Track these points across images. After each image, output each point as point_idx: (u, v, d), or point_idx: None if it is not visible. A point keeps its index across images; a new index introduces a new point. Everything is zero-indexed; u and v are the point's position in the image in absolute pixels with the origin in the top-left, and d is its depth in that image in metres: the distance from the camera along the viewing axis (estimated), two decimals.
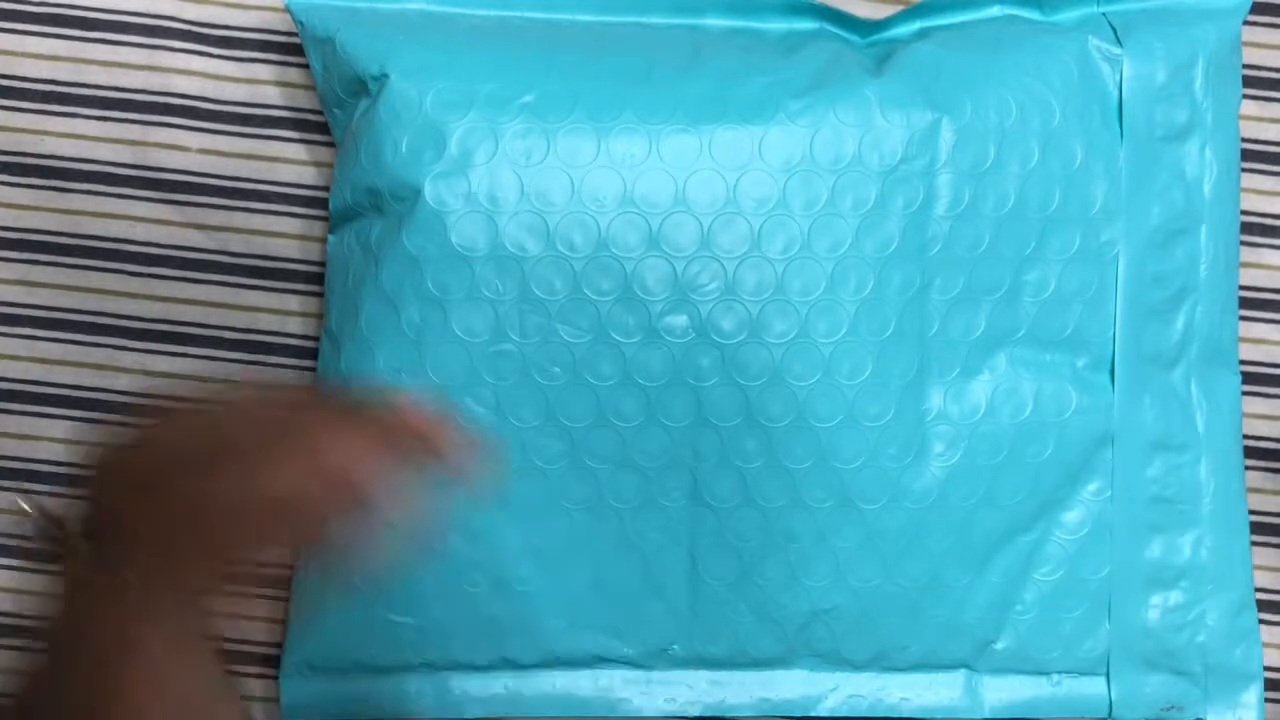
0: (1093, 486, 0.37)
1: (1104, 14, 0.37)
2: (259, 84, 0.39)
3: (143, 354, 0.39)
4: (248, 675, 0.38)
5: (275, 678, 0.38)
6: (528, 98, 0.34)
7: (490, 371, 0.34)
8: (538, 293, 0.34)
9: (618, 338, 0.34)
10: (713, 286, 0.34)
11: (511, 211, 0.34)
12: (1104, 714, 0.37)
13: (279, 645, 0.38)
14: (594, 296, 0.34)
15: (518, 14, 0.37)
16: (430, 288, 0.34)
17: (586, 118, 0.34)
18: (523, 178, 0.34)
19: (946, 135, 0.35)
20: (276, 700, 0.37)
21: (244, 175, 0.39)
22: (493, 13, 0.37)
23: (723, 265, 0.34)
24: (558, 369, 0.34)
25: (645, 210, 0.34)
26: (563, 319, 0.34)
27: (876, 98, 0.35)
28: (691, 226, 0.34)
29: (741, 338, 0.35)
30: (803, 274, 0.34)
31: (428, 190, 0.34)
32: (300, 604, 0.37)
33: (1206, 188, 0.37)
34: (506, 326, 0.34)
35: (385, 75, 0.34)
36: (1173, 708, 0.37)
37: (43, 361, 0.39)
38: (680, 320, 0.34)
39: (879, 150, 0.34)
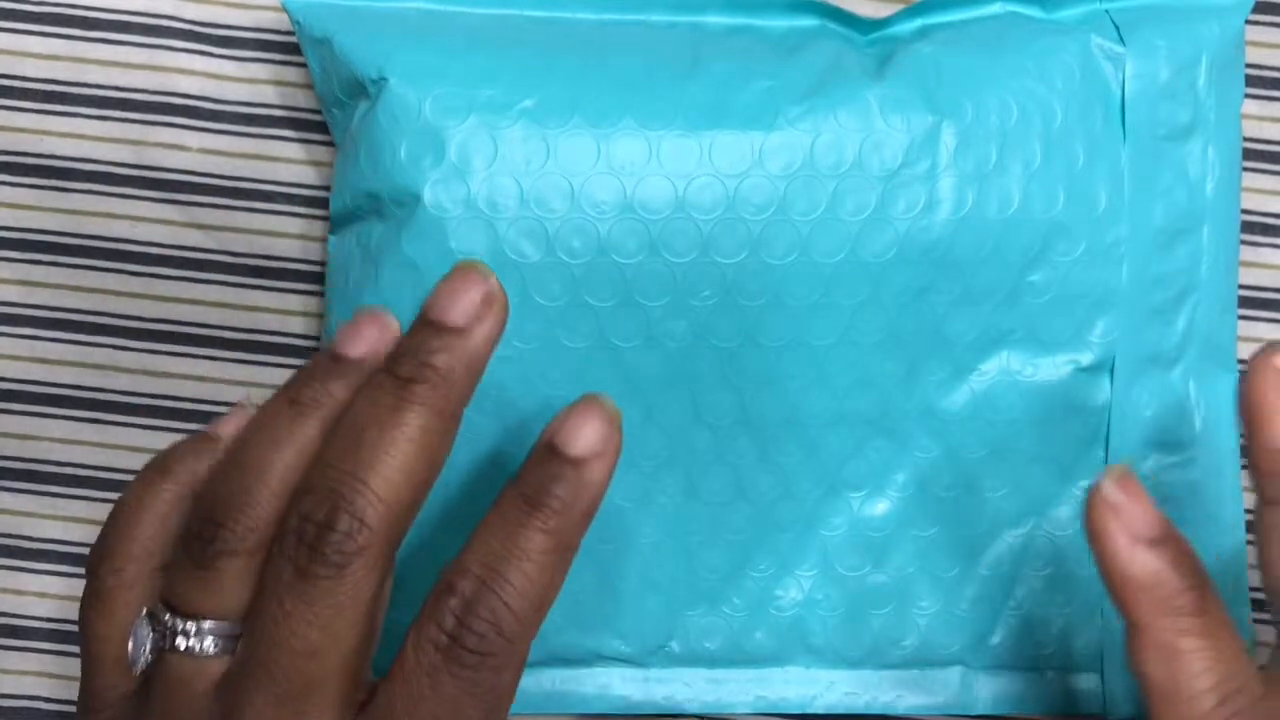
0: (1085, 484, 0.37)
1: (1107, 10, 0.37)
2: (260, 84, 0.39)
3: (143, 354, 0.39)
4: None
5: None
6: (527, 103, 0.34)
7: (490, 377, 0.34)
8: (538, 298, 0.34)
9: (617, 342, 0.35)
10: (711, 291, 0.34)
11: (511, 218, 0.34)
12: (1098, 709, 0.38)
13: None
14: (593, 302, 0.34)
15: (517, 12, 0.37)
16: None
17: (586, 123, 0.34)
18: (522, 184, 0.34)
19: (948, 138, 0.35)
20: None
21: (245, 175, 0.39)
22: (492, 11, 0.37)
23: (722, 270, 0.34)
24: (558, 374, 0.35)
25: (645, 216, 0.34)
26: (562, 324, 0.34)
27: (877, 101, 0.35)
28: (692, 232, 0.34)
29: (738, 341, 0.35)
30: (801, 278, 0.34)
31: (427, 196, 0.33)
32: None
33: (1209, 187, 0.37)
34: (507, 332, 0.34)
35: (384, 79, 0.34)
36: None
37: (43, 361, 0.39)
38: (679, 325, 0.35)
39: (880, 154, 0.34)
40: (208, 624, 0.28)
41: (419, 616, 0.27)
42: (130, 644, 0.29)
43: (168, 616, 0.28)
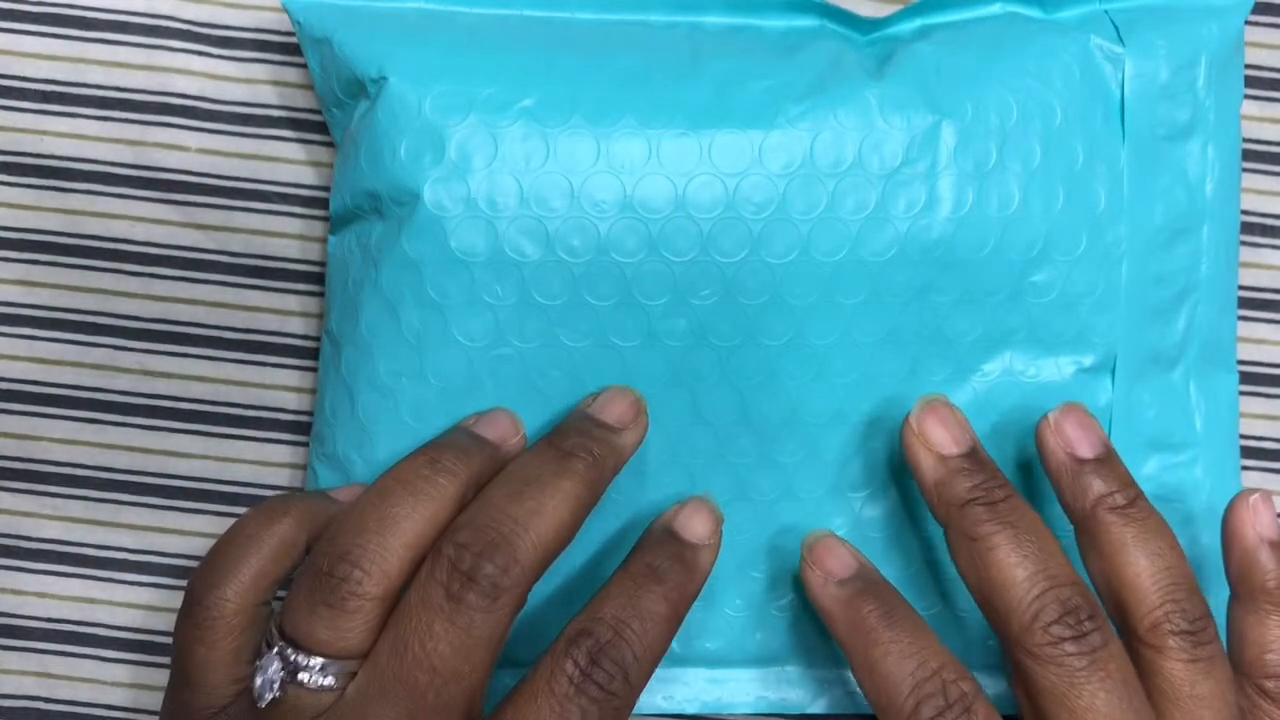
0: None
1: (1106, 11, 0.37)
2: (259, 84, 0.39)
3: (142, 354, 0.39)
4: None
5: None
6: (527, 101, 0.34)
7: (491, 376, 0.34)
8: (537, 297, 0.34)
9: (617, 341, 0.35)
10: (711, 290, 0.34)
11: (511, 216, 0.34)
12: None
13: None
14: (593, 301, 0.34)
15: (517, 12, 0.37)
16: (430, 292, 0.34)
17: (586, 122, 0.34)
18: (522, 182, 0.34)
19: (947, 137, 0.35)
20: None
21: (244, 175, 0.39)
22: (492, 11, 0.37)
23: (722, 269, 0.34)
24: (557, 373, 0.35)
25: (645, 215, 0.34)
26: (562, 323, 0.34)
27: (877, 100, 0.35)
28: (691, 231, 0.34)
29: (738, 341, 0.35)
30: (801, 277, 0.34)
31: (427, 195, 0.33)
32: None
33: (1208, 187, 0.37)
34: (506, 331, 0.34)
35: (384, 78, 0.34)
36: None
37: (42, 361, 0.39)
38: (679, 324, 0.35)
39: (879, 153, 0.34)
40: (334, 663, 0.29)
41: (553, 651, 0.30)
42: (258, 679, 0.30)
43: (290, 651, 0.29)
